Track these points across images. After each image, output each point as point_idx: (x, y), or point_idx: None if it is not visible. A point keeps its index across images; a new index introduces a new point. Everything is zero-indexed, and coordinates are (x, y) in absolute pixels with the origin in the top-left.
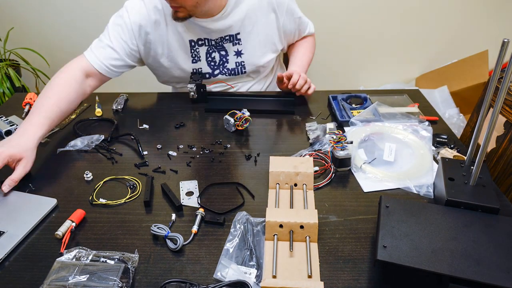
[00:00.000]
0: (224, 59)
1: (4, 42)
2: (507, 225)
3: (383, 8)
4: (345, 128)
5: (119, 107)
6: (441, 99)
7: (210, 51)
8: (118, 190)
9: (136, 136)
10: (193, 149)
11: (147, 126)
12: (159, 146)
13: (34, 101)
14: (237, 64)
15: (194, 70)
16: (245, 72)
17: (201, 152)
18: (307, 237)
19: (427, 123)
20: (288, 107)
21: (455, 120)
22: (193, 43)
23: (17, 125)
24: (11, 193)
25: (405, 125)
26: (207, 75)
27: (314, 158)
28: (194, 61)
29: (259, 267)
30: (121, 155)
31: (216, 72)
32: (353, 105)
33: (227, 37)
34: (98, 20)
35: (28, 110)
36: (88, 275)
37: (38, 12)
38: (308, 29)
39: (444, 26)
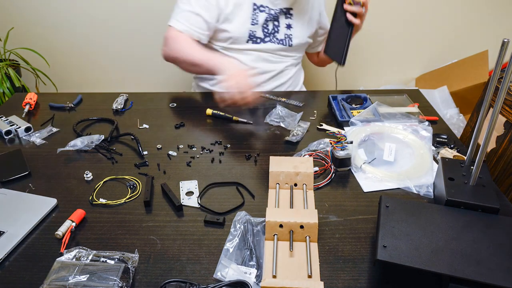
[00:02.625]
0: (276, 29)
1: (4, 42)
2: (507, 225)
3: (383, 8)
4: (345, 128)
5: (119, 107)
6: (441, 99)
7: (268, 19)
8: (118, 190)
9: (136, 136)
10: (193, 149)
11: (147, 126)
12: (159, 146)
13: (34, 101)
14: (286, 36)
15: (251, 32)
16: (291, 45)
17: (201, 152)
18: (307, 237)
19: (427, 123)
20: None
21: (455, 120)
22: (255, 7)
23: (17, 125)
24: (11, 193)
25: (405, 125)
26: (259, 40)
27: (314, 158)
28: (253, 23)
29: (259, 267)
30: (121, 155)
31: (267, 39)
32: (353, 105)
33: (284, 10)
34: (98, 20)
35: (29, 110)
36: (88, 275)
37: (38, 12)
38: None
39: (444, 26)
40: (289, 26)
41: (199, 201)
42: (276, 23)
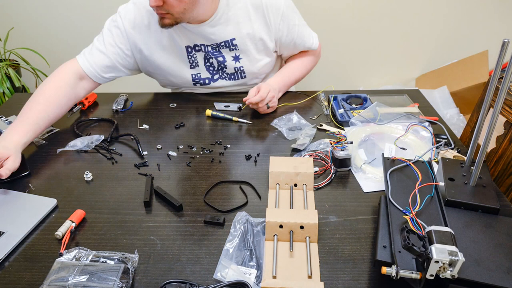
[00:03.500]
0: (222, 65)
1: (4, 42)
2: (507, 225)
3: (383, 8)
4: (345, 128)
5: (119, 107)
6: (441, 99)
7: (208, 57)
8: (118, 190)
9: (136, 136)
10: (193, 149)
11: (147, 126)
12: (159, 146)
13: (89, 101)
14: (236, 70)
15: (193, 75)
16: (245, 76)
17: (201, 152)
18: (307, 238)
19: (427, 123)
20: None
21: (455, 120)
22: (189, 49)
23: None
24: (11, 193)
25: (405, 125)
26: (207, 80)
27: (314, 158)
28: (192, 66)
29: (259, 267)
30: (121, 155)
31: (216, 77)
32: (353, 105)
33: (222, 44)
34: (98, 20)
35: (73, 107)
36: (88, 276)
37: (38, 12)
38: (308, 43)
39: (444, 26)
40: (237, 58)
41: (204, 199)
42: (220, 58)
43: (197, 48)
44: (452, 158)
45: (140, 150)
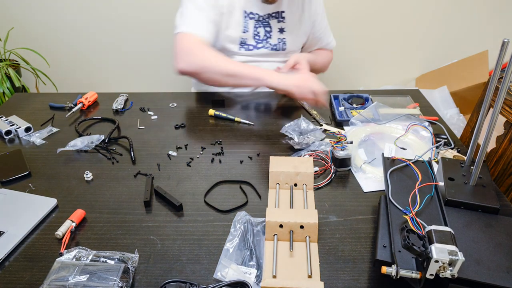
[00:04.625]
0: (268, 35)
1: (4, 42)
2: (507, 225)
3: (383, 8)
4: (345, 128)
5: (119, 107)
6: (441, 99)
7: (257, 26)
8: (118, 190)
9: (131, 140)
10: (193, 149)
11: (155, 118)
12: (159, 146)
13: (90, 101)
14: (279, 41)
15: (241, 39)
16: (285, 49)
17: (201, 152)
18: (307, 237)
19: (427, 123)
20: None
21: (455, 120)
22: (245, 14)
23: (17, 125)
24: (11, 193)
25: (405, 125)
26: (251, 47)
27: (314, 158)
28: (244, 31)
29: (259, 267)
30: (121, 155)
31: (260, 45)
32: (354, 105)
33: (273, 14)
34: (98, 20)
35: (73, 107)
36: (88, 275)
37: (38, 12)
38: (329, 38)
39: (444, 26)
40: (282, 30)
41: (205, 199)
42: (267, 28)
43: (251, 15)
44: (452, 158)
45: (132, 155)
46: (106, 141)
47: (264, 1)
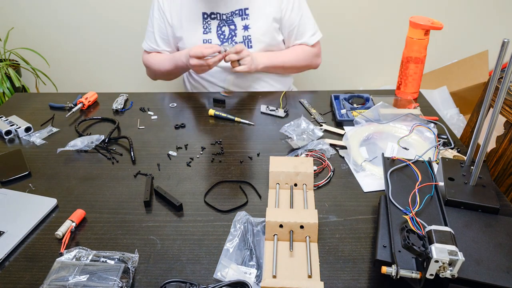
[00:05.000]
0: (232, 33)
1: (4, 42)
2: (507, 225)
3: (383, 8)
4: (345, 128)
5: (119, 107)
6: (441, 99)
7: (221, 25)
8: (118, 190)
9: (131, 140)
10: (193, 149)
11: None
12: (159, 146)
13: (90, 101)
14: (244, 38)
15: (204, 41)
16: (251, 47)
17: (201, 152)
18: (307, 237)
19: (432, 124)
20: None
21: (455, 120)
22: (205, 16)
23: (17, 125)
24: (11, 193)
25: (408, 125)
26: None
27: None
28: (205, 32)
29: (259, 267)
30: (122, 155)
31: (225, 44)
32: (355, 105)
33: (237, 11)
34: (98, 20)
35: (73, 107)
36: (88, 275)
37: (38, 12)
38: (308, 35)
39: (444, 26)
40: (246, 27)
41: (205, 199)
42: (232, 26)
43: (212, 16)
44: (452, 158)
45: (132, 155)
46: (106, 141)
47: None
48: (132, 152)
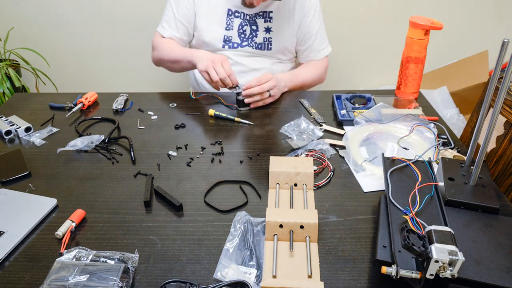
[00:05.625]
0: (254, 33)
1: (4, 42)
2: (507, 225)
3: (383, 8)
4: (345, 128)
5: (119, 107)
6: (441, 99)
7: (243, 24)
8: (118, 190)
9: (131, 140)
10: (193, 149)
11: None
12: (159, 146)
13: (90, 101)
14: (265, 40)
15: (225, 37)
16: (270, 48)
17: (201, 152)
18: (307, 237)
19: (432, 124)
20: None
21: (455, 120)
22: (230, 12)
23: (17, 125)
24: (11, 193)
25: (408, 125)
26: (235, 45)
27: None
28: (227, 28)
29: (259, 267)
30: (122, 155)
31: (244, 43)
32: (356, 105)
33: (260, 13)
34: (98, 20)
35: (73, 107)
36: (88, 275)
37: (38, 12)
38: (321, 48)
39: (444, 26)
40: (268, 30)
41: (205, 198)
42: (254, 27)
43: (236, 14)
44: (452, 158)
45: (132, 155)
46: (106, 141)
47: (243, 4)
48: (132, 152)
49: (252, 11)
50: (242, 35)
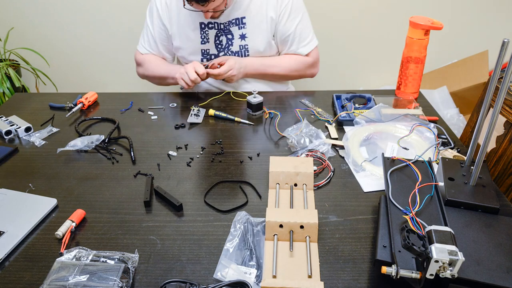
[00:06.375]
0: (230, 42)
1: (4, 42)
2: (507, 225)
3: (383, 8)
4: (345, 128)
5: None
6: (441, 99)
7: (219, 34)
8: (118, 190)
9: (131, 140)
10: (193, 149)
11: (156, 117)
12: (159, 146)
13: (90, 101)
14: (241, 47)
15: (203, 51)
16: (248, 55)
17: (201, 152)
18: (307, 237)
19: (432, 124)
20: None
21: (455, 120)
22: (203, 25)
23: (17, 125)
24: (11, 193)
25: (408, 125)
26: (213, 57)
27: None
28: (203, 42)
29: (259, 267)
30: (122, 155)
31: (221, 54)
32: (356, 105)
33: (233, 21)
34: (98, 20)
35: (73, 107)
36: (88, 275)
37: (38, 12)
38: (302, 44)
39: (444, 26)
40: (243, 37)
41: (205, 199)
42: (229, 36)
43: (210, 25)
44: (452, 158)
45: (132, 155)
46: (106, 141)
47: (208, 17)
48: (132, 152)
49: (226, 19)
50: (219, 46)
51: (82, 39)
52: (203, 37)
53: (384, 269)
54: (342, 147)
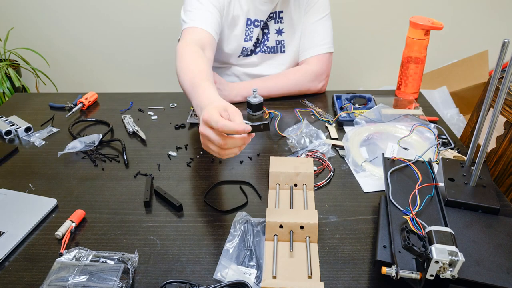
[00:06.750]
0: (266, 37)
1: (4, 42)
2: (507, 226)
3: (383, 8)
4: (345, 128)
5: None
6: (441, 99)
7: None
8: (118, 190)
9: (124, 143)
10: (193, 149)
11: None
12: (159, 146)
13: (90, 101)
14: (277, 43)
15: (244, 49)
16: (284, 51)
17: (201, 152)
18: (307, 238)
19: (432, 125)
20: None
21: (455, 120)
22: (249, 22)
23: (17, 125)
24: (11, 193)
25: (409, 125)
26: (250, 52)
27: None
28: (246, 39)
29: (259, 267)
30: (118, 156)
31: (258, 49)
32: (357, 105)
33: (271, 15)
34: (98, 20)
35: (73, 107)
36: (88, 276)
37: (38, 12)
38: (312, 43)
39: (444, 26)
40: (280, 32)
41: (205, 200)
42: (265, 30)
43: (256, 23)
44: (452, 158)
45: (125, 158)
46: (96, 145)
47: None
48: (125, 156)
49: (265, 15)
50: (256, 42)
51: (82, 39)
52: (247, 33)
53: (384, 270)
54: (342, 148)
